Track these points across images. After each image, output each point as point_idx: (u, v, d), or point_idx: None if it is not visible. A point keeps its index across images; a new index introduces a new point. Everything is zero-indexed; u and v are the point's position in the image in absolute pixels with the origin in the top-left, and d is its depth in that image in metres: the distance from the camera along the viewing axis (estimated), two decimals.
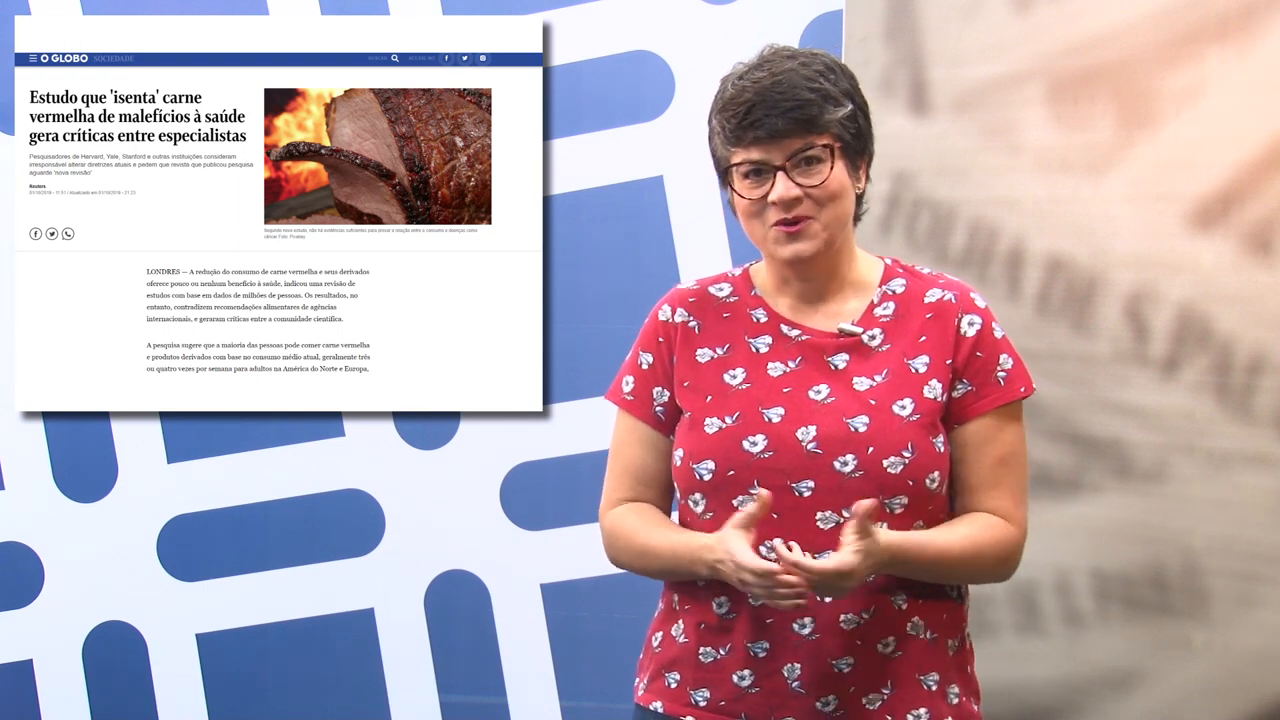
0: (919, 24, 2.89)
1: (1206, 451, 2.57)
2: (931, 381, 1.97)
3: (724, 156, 1.99)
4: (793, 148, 1.94)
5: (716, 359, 2.03)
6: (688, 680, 2.01)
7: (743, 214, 1.98)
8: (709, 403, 2.00)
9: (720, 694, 1.98)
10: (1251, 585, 2.53)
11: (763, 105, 1.93)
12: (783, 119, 1.93)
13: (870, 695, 1.95)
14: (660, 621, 2.08)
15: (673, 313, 2.08)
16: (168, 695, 3.47)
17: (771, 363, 2.00)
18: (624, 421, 2.10)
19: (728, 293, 2.07)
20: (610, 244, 3.34)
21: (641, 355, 2.09)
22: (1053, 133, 2.72)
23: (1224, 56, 2.53)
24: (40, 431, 3.43)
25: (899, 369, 1.97)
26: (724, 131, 1.97)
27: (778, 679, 1.95)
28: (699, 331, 2.05)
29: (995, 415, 1.99)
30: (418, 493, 3.41)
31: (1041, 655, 2.75)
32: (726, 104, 1.97)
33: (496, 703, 3.39)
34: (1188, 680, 2.60)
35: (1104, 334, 2.67)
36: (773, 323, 2.03)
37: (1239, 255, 2.52)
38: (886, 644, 1.95)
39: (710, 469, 1.97)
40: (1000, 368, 2.00)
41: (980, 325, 2.01)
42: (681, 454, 2.00)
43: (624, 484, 2.09)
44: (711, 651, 1.99)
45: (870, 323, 2.01)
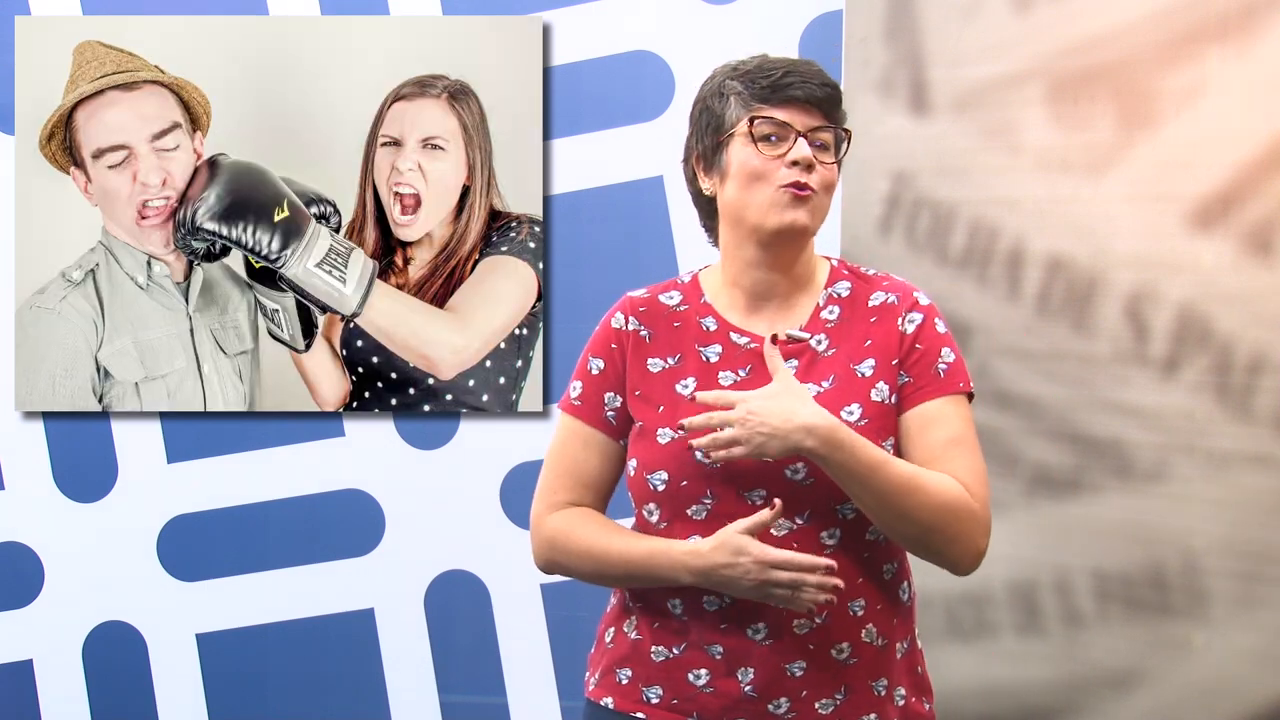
0: (919, 24, 2.89)
1: (1206, 451, 2.56)
2: (879, 384, 1.96)
3: (736, 117, 1.97)
4: (816, 121, 1.95)
5: (668, 369, 2.02)
6: (639, 677, 2.01)
7: (746, 176, 1.95)
8: (661, 413, 1.99)
9: (672, 693, 1.98)
10: (1251, 585, 2.53)
11: (797, 74, 1.96)
12: (819, 89, 1.95)
13: (823, 700, 1.95)
14: (612, 617, 2.08)
15: (625, 320, 2.07)
16: (168, 695, 3.47)
17: (722, 371, 1.99)
18: (568, 425, 2.08)
19: (678, 301, 2.06)
20: (610, 244, 3.34)
21: (592, 360, 2.09)
22: (1053, 133, 2.72)
23: (1224, 56, 2.53)
24: (40, 431, 3.43)
25: (845, 374, 1.97)
26: (748, 92, 1.96)
27: (730, 682, 1.95)
28: (650, 341, 2.04)
29: (940, 402, 1.96)
30: (418, 493, 3.41)
31: (1041, 655, 2.75)
32: (754, 68, 1.97)
33: (496, 703, 3.39)
34: (1188, 680, 2.60)
35: (1104, 334, 2.67)
36: (722, 330, 2.02)
37: (1239, 255, 2.52)
38: (841, 650, 1.95)
39: (664, 479, 1.97)
40: (941, 360, 1.98)
41: (921, 321, 1.99)
42: (635, 464, 2.00)
43: (564, 485, 2.07)
44: (664, 650, 1.99)
45: (816, 326, 2.00)
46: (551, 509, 2.07)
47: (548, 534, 2.06)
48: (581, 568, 2.04)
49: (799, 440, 1.85)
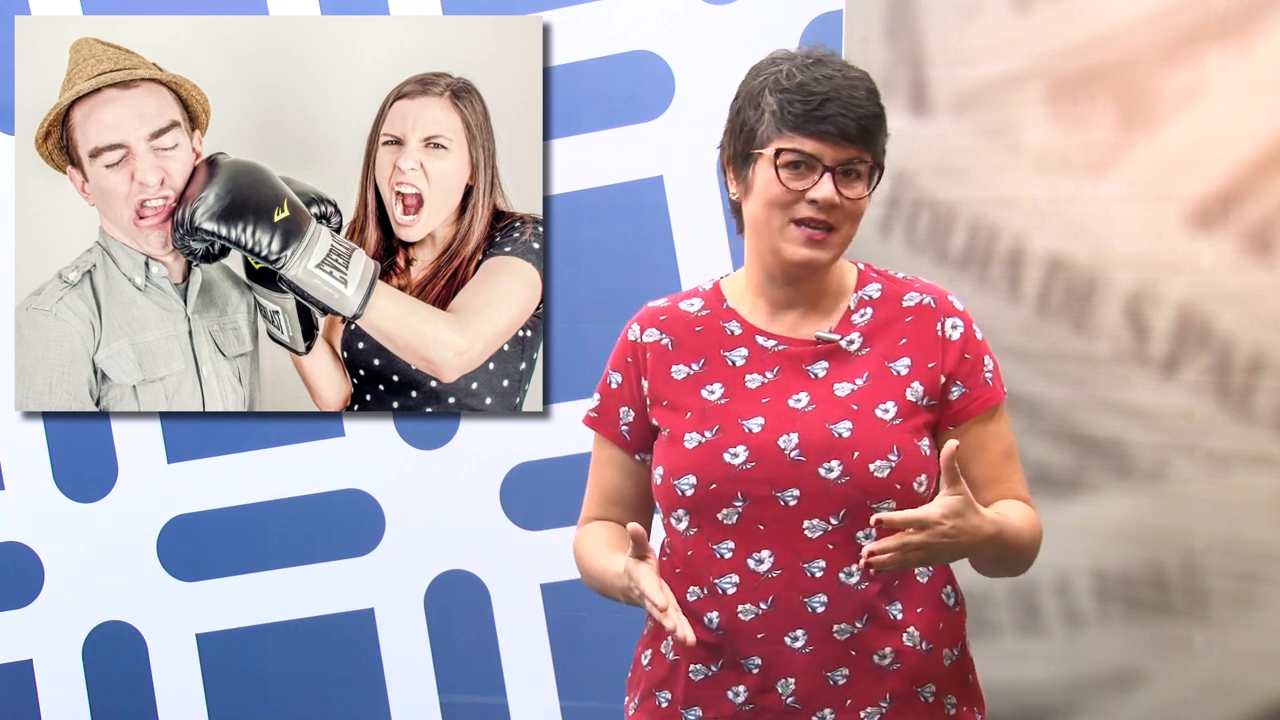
0: (919, 24, 2.89)
1: (1206, 451, 2.56)
2: (914, 384, 1.95)
3: (766, 137, 1.90)
4: (848, 155, 1.89)
5: (693, 375, 2.00)
6: (679, 699, 1.98)
7: (768, 201, 1.90)
8: (688, 419, 1.97)
9: (713, 712, 1.96)
10: (1251, 585, 2.53)
11: (838, 103, 1.87)
12: (855, 123, 1.87)
13: (868, 709, 1.93)
14: (649, 639, 2.06)
15: (642, 332, 2.05)
16: (168, 695, 3.47)
17: (749, 374, 1.97)
18: (596, 441, 2.11)
19: (699, 307, 2.04)
20: (610, 244, 3.34)
21: (611, 375, 2.08)
22: (1053, 133, 2.72)
23: (1224, 56, 2.52)
24: (40, 431, 3.43)
25: (880, 372, 1.95)
26: (782, 114, 1.88)
27: (772, 695, 1.92)
28: (672, 348, 2.02)
29: (989, 413, 1.98)
30: (418, 493, 3.41)
31: (1041, 655, 2.75)
32: (795, 88, 1.88)
33: (496, 703, 3.39)
34: (1188, 680, 2.60)
35: (1104, 334, 2.67)
36: (747, 334, 1.99)
37: (1239, 255, 2.52)
38: (883, 655, 1.93)
39: (692, 484, 1.94)
40: (985, 369, 1.99)
41: (964, 328, 1.99)
42: (661, 471, 1.98)
43: (593, 501, 2.12)
44: (702, 669, 1.96)
45: (847, 329, 1.98)
46: (582, 523, 2.12)
47: (574, 548, 2.11)
48: (588, 583, 2.08)
49: (978, 551, 1.87)
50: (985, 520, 1.82)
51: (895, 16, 2.92)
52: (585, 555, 2.06)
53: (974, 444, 1.97)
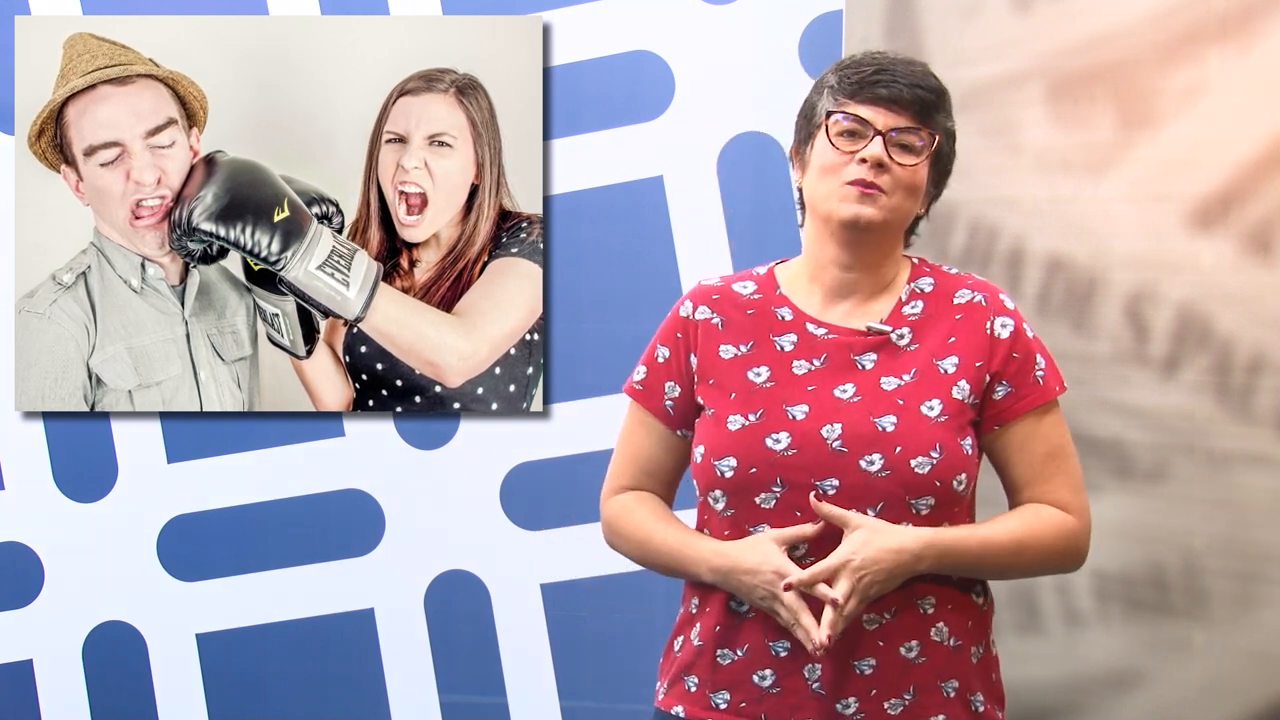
0: (919, 24, 2.89)
1: (1206, 451, 2.57)
2: (960, 382, 1.96)
3: (824, 110, 1.97)
4: (900, 122, 1.94)
5: (740, 356, 2.01)
6: (706, 683, 2.00)
7: (821, 168, 1.96)
8: (733, 400, 1.98)
9: (740, 695, 1.97)
10: (1251, 585, 2.53)
11: (890, 73, 1.95)
12: (907, 90, 1.94)
13: (892, 700, 1.94)
14: (681, 626, 2.07)
15: (694, 309, 2.06)
16: (168, 695, 3.47)
17: (796, 360, 1.99)
18: (634, 411, 2.10)
19: (752, 290, 2.06)
20: (610, 244, 3.34)
21: (659, 348, 2.08)
22: (1053, 133, 2.72)
23: (1224, 56, 2.53)
24: (40, 431, 3.43)
25: (927, 369, 1.96)
26: (839, 85, 1.96)
27: (798, 679, 1.94)
28: (722, 328, 2.03)
29: (1035, 413, 1.99)
30: (418, 493, 3.41)
31: (1041, 655, 2.75)
32: (851, 64, 1.98)
33: (496, 703, 3.39)
34: (1188, 680, 2.60)
35: (1104, 334, 2.67)
36: (798, 321, 2.01)
37: (1239, 255, 2.52)
38: (910, 648, 1.94)
39: (732, 466, 1.95)
40: (1037, 368, 1.99)
41: (1013, 327, 1.99)
42: (702, 450, 1.99)
43: (628, 472, 2.11)
44: (729, 653, 1.98)
45: (899, 321, 1.99)
46: (613, 492, 2.11)
47: (607, 516, 2.10)
48: (631, 552, 2.08)
49: (914, 568, 1.89)
50: (905, 534, 1.88)
51: (895, 16, 2.92)
52: (643, 527, 2.05)
53: (1016, 444, 1.99)
